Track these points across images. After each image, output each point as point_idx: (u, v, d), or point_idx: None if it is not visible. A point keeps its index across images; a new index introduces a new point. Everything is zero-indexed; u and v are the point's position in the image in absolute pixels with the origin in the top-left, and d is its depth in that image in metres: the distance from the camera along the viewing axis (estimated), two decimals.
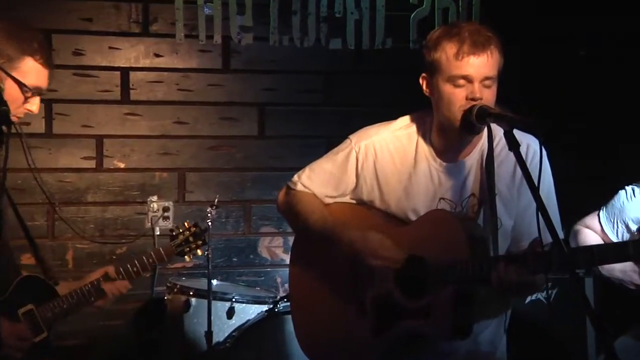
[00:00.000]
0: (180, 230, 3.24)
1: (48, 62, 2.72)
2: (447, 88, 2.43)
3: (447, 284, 2.43)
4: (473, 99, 2.40)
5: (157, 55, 4.50)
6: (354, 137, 2.69)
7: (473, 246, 2.40)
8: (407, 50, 4.68)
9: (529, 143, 2.50)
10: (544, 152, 2.44)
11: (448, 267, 2.42)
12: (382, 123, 2.69)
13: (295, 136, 4.67)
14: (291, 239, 3.13)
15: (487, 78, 2.41)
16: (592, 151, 4.75)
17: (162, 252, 3.14)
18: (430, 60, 2.47)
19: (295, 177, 2.77)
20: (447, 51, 2.41)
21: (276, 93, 4.66)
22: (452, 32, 2.43)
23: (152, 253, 3.09)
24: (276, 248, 4.69)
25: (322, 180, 2.71)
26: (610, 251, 2.25)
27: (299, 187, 2.74)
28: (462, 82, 2.41)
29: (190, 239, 3.22)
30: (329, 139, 2.79)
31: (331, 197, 2.72)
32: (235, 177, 4.64)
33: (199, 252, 3.28)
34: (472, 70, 2.39)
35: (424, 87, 2.53)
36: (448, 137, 2.52)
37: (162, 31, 4.49)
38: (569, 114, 4.72)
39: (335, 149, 2.73)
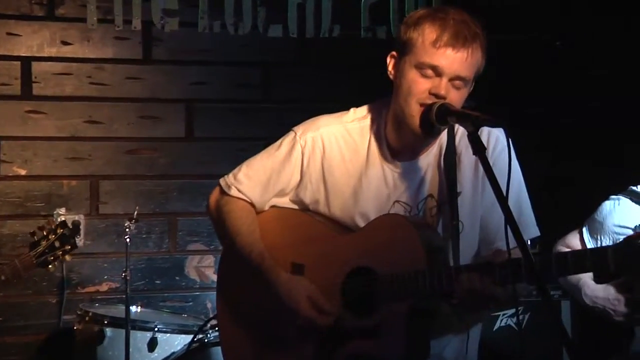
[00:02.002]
0: (44, 234, 3.03)
1: None
2: (411, 74, 2.46)
3: (400, 298, 2.43)
4: (436, 95, 2.43)
5: (64, 43, 4.45)
6: (298, 129, 2.70)
7: (431, 255, 2.42)
8: (357, 39, 4.71)
9: (489, 130, 2.55)
10: (513, 151, 2.46)
11: (402, 280, 2.43)
12: (335, 114, 2.71)
13: (229, 138, 4.66)
14: None
15: (458, 77, 2.44)
16: (568, 152, 4.83)
17: (18, 264, 2.94)
18: (404, 39, 2.49)
19: (230, 177, 2.75)
20: (426, 35, 2.44)
21: (206, 88, 4.65)
22: (437, 16, 2.46)
23: (3, 267, 2.92)
24: (206, 268, 4.67)
25: (261, 179, 2.70)
26: (587, 258, 2.27)
27: (233, 192, 2.73)
28: (429, 72, 2.43)
29: (56, 244, 3.03)
30: (267, 140, 2.79)
31: (271, 198, 2.72)
32: (158, 186, 4.61)
33: (67, 258, 3.11)
34: (444, 63, 2.42)
35: (390, 67, 2.56)
36: (403, 133, 2.54)
37: (70, 14, 4.44)
38: (543, 111, 4.80)
39: (277, 142, 2.73)
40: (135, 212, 3.91)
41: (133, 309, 4.01)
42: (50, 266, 3.06)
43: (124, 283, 3.83)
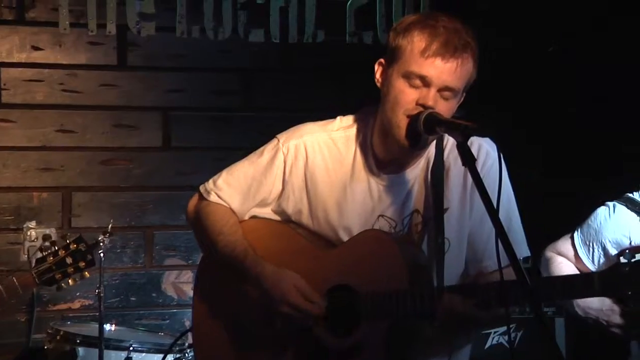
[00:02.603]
0: (55, 249, 2.96)
1: None
2: (399, 83, 2.46)
3: (381, 318, 2.44)
4: (423, 106, 2.43)
5: (35, 48, 4.44)
6: (282, 136, 2.70)
7: (414, 274, 2.43)
8: (342, 44, 4.70)
9: (480, 143, 2.56)
10: (504, 165, 2.47)
11: (383, 299, 2.44)
12: (320, 122, 2.71)
13: (208, 147, 4.65)
14: None
15: (447, 88, 2.44)
16: (561, 164, 4.84)
17: (16, 282, 2.87)
18: (393, 46, 2.50)
19: (210, 183, 2.76)
20: (415, 43, 2.44)
21: (184, 95, 4.64)
22: (427, 23, 2.47)
23: None
24: (184, 284, 4.66)
25: (241, 187, 2.71)
26: (575, 284, 2.32)
27: (213, 197, 2.74)
28: (417, 82, 2.44)
29: (68, 260, 2.96)
30: (248, 150, 2.80)
31: (251, 208, 2.72)
32: (133, 198, 4.60)
33: (87, 274, 3.04)
34: (432, 73, 2.42)
35: (377, 74, 2.56)
36: (390, 144, 2.54)
37: (41, 18, 4.42)
38: (536, 121, 4.81)
39: (259, 150, 2.74)
40: (110, 226, 3.87)
41: (107, 327, 3.98)
42: (63, 284, 2.97)
43: (97, 300, 3.78)
